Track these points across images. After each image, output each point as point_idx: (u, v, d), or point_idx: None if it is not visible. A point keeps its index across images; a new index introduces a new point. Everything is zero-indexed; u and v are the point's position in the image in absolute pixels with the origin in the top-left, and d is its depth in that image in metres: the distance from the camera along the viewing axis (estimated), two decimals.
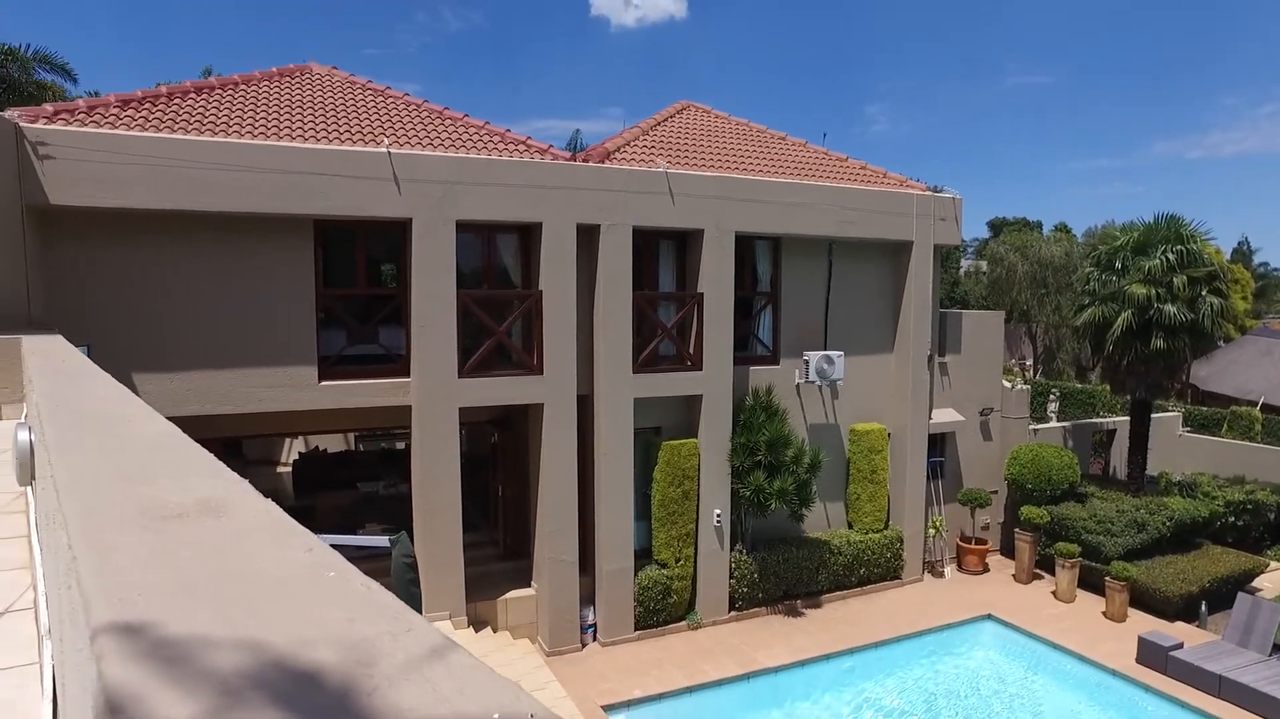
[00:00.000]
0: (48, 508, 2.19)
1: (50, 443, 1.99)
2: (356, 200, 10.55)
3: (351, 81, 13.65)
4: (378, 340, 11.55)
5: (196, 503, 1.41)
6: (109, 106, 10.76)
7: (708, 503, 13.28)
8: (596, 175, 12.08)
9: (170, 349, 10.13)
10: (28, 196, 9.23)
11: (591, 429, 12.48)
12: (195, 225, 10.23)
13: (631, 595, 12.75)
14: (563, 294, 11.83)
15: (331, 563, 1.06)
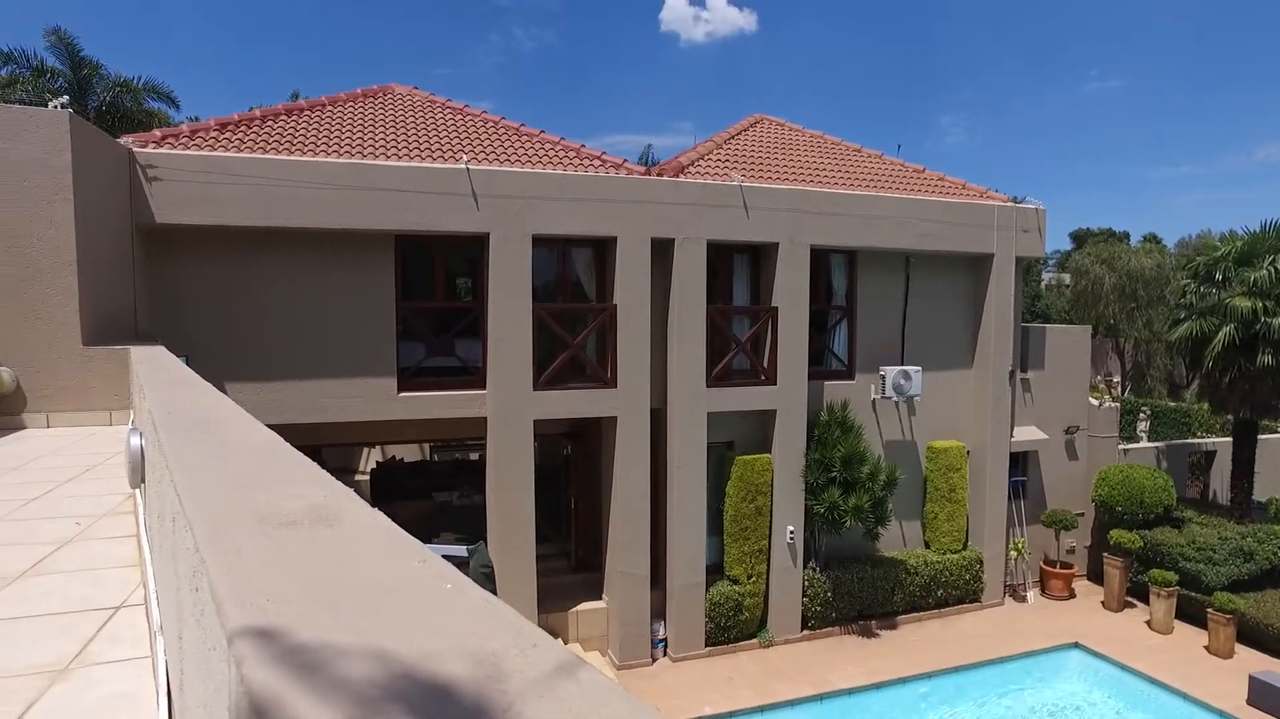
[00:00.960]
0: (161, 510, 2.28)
1: (166, 449, 2.07)
2: (436, 215, 10.83)
3: (431, 100, 14.05)
4: (455, 353, 11.80)
5: (308, 510, 1.44)
6: (209, 130, 11.34)
7: (781, 519, 13.09)
8: (671, 189, 12.12)
9: (260, 360, 10.54)
10: (137, 216, 9.78)
11: (664, 443, 12.46)
12: (284, 241, 10.65)
13: (703, 611, 12.64)
14: (637, 308, 11.88)
15: (447, 574, 1.07)
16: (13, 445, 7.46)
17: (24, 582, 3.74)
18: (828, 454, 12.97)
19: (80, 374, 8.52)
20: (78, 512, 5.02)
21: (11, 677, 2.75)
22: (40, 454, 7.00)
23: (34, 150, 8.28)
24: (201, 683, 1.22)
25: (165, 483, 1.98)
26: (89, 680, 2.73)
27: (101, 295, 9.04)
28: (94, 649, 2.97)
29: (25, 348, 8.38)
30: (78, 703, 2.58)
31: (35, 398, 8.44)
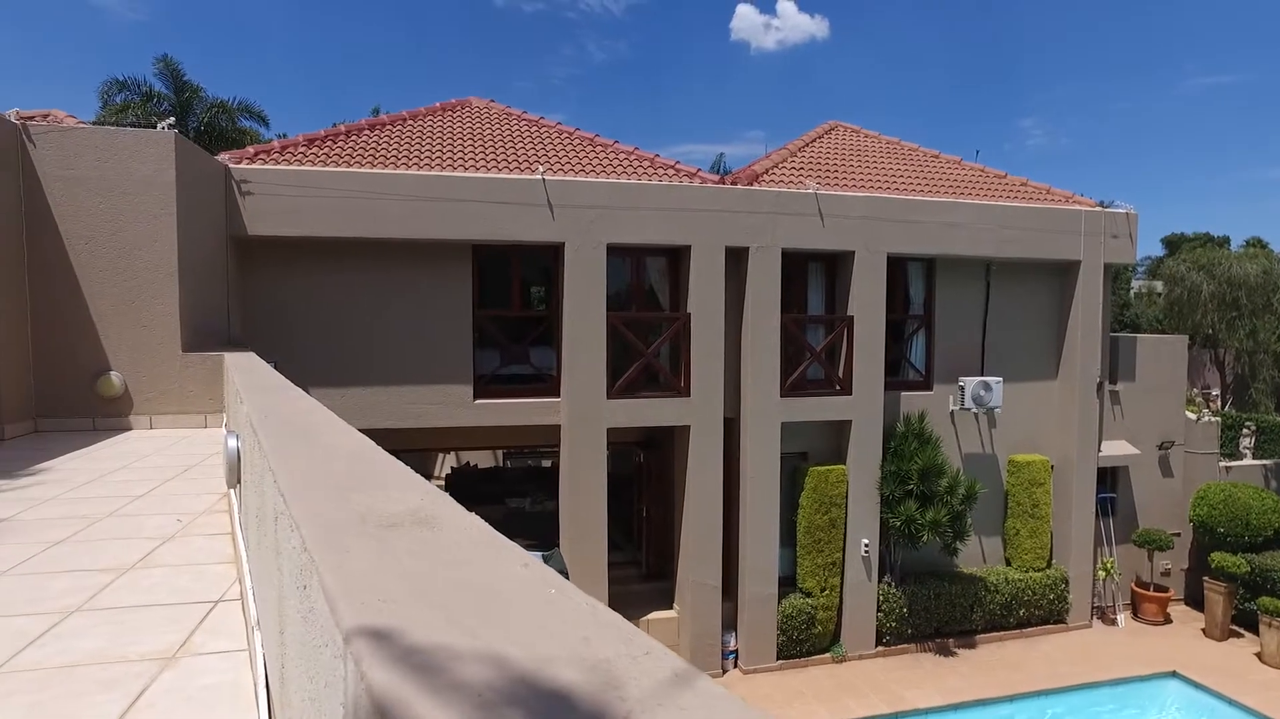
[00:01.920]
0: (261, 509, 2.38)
1: (267, 451, 2.16)
2: (513, 225, 11.03)
3: (508, 113, 14.34)
4: (529, 360, 11.98)
5: (408, 513, 1.48)
6: (298, 146, 11.83)
7: (855, 532, 12.84)
8: (745, 198, 12.07)
9: (342, 366, 10.90)
10: (231, 228, 10.26)
11: (737, 452, 12.38)
12: (367, 251, 11.01)
13: (774, 623, 12.48)
14: (711, 316, 11.86)
15: (549, 579, 1.09)
16: (121, 445, 7.91)
17: (135, 573, 3.96)
18: (904, 466, 12.67)
19: (179, 379, 8.98)
20: (179, 509, 5.29)
21: (131, 661, 2.92)
22: (144, 454, 7.41)
23: (145, 169, 8.79)
24: (308, 679, 1.26)
25: (268, 484, 2.06)
26: (193, 669, 2.87)
27: (198, 304, 9.52)
28: (197, 640, 3.13)
29: (132, 354, 8.88)
30: (185, 689, 2.72)
31: (140, 400, 8.93)
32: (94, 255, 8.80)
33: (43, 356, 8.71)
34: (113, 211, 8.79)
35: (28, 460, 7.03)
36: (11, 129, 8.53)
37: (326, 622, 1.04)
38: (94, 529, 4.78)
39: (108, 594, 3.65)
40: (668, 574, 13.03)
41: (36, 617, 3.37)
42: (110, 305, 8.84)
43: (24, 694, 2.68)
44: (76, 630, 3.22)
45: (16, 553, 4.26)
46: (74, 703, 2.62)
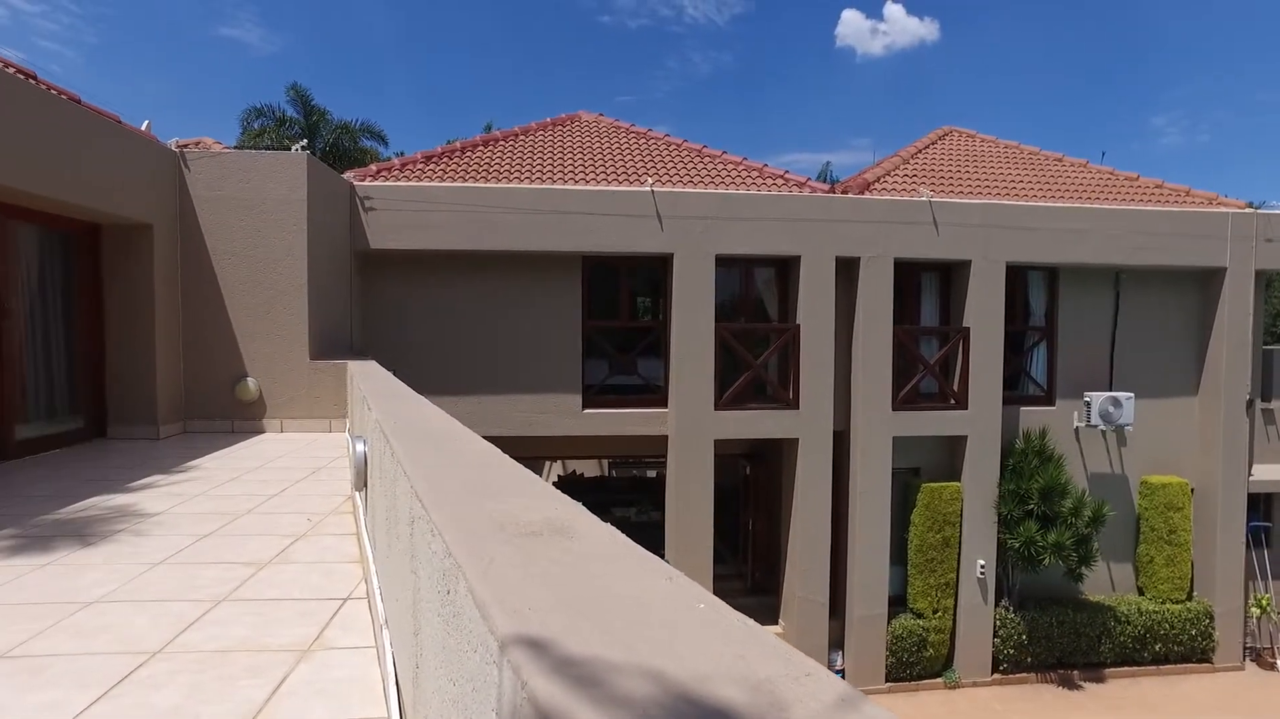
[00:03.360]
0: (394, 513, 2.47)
1: (401, 457, 2.24)
2: (622, 237, 11.17)
3: (616, 126, 14.56)
4: (637, 371, 12.07)
5: (544, 521, 1.51)
6: (416, 163, 12.38)
7: (970, 552, 12.29)
8: (856, 207, 11.82)
9: (457, 374, 11.28)
10: (355, 242, 10.81)
11: (846, 466, 12.09)
12: (481, 263, 11.37)
13: (884, 644, 12.09)
14: (820, 328, 11.65)
15: (697, 593, 1.08)
16: (256, 446, 8.44)
17: (273, 568, 4.20)
18: (1024, 485, 12.05)
19: (308, 385, 9.51)
20: (308, 509, 5.58)
21: (273, 651, 3.10)
22: (276, 456, 7.87)
23: (280, 189, 9.39)
24: (450, 682, 1.29)
25: (401, 489, 2.14)
26: (327, 663, 3.01)
27: (325, 315, 10.06)
28: (329, 635, 3.28)
29: (266, 361, 9.47)
30: (320, 681, 2.86)
31: (273, 405, 9.50)
32: (235, 269, 9.45)
33: (191, 363, 9.41)
34: (252, 229, 9.42)
35: (178, 458, 7.60)
36: (172, 156, 9.28)
37: (477, 627, 1.06)
38: (235, 524, 5.10)
39: (249, 586, 3.89)
40: (773, 589, 12.82)
41: (191, 603, 3.62)
42: (248, 316, 9.46)
43: (185, 674, 2.89)
44: (224, 618, 3.45)
45: (173, 543, 4.60)
46: (227, 686, 2.80)
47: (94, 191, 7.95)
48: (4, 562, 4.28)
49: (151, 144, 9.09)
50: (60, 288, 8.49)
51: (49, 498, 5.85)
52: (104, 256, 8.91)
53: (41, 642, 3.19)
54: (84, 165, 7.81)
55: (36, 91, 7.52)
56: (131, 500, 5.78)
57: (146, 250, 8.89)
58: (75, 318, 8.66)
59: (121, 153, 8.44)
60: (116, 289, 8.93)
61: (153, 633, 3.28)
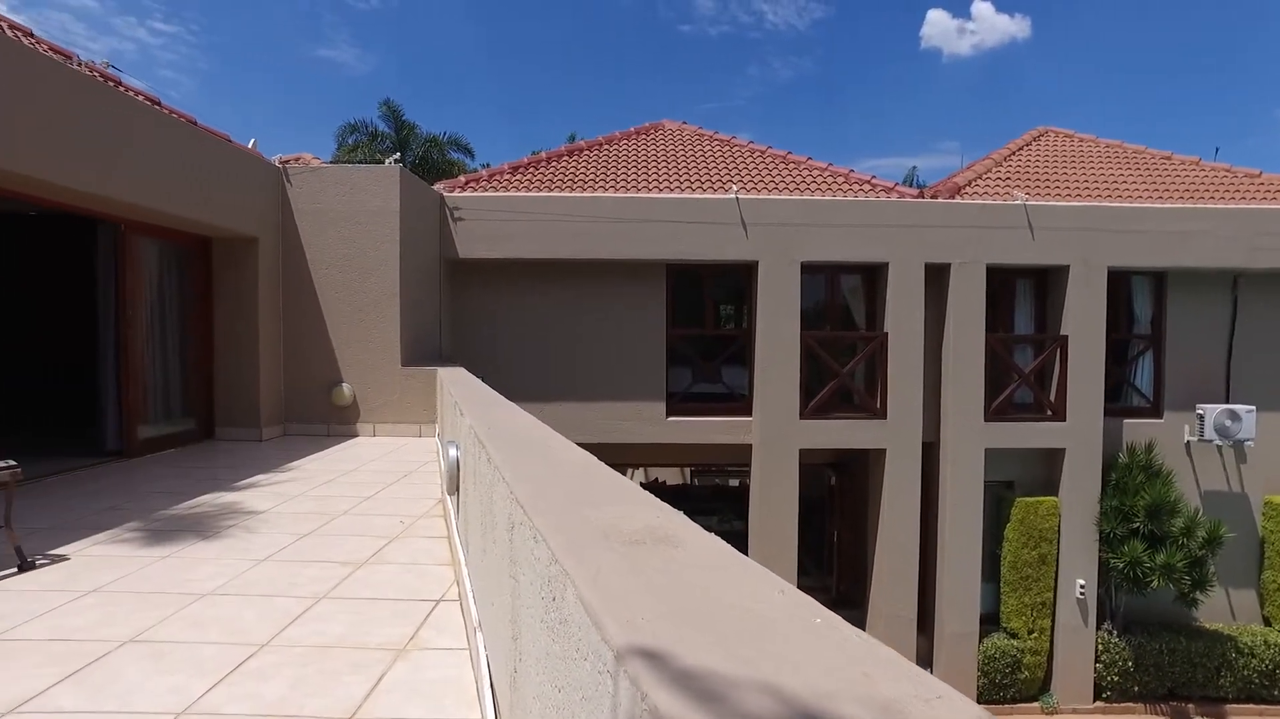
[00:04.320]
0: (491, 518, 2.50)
1: (499, 463, 2.28)
2: (706, 245, 11.14)
3: (699, 134, 14.55)
4: (721, 379, 11.99)
5: (646, 530, 1.50)
6: (503, 173, 12.64)
7: (1068, 570, 11.71)
8: (946, 211, 11.47)
9: (542, 381, 11.43)
10: (444, 252, 11.11)
11: (936, 479, 11.71)
12: (566, 271, 11.51)
13: (975, 664, 11.62)
14: (909, 336, 11.35)
15: (812, 607, 1.06)
16: (351, 450, 8.76)
17: (369, 568, 4.34)
18: (1128, 502, 11.41)
19: (399, 391, 9.82)
20: (400, 511, 5.75)
21: (370, 649, 3.20)
22: (370, 459, 8.15)
23: (375, 201, 9.74)
24: (554, 689, 1.29)
25: (499, 494, 2.16)
26: (421, 663, 3.09)
27: (416, 323, 10.37)
28: (423, 635, 3.37)
29: (360, 367, 9.83)
30: (415, 680, 2.93)
31: (366, 410, 9.85)
32: (331, 279, 9.84)
33: (291, 369, 9.85)
34: (348, 239, 9.81)
35: (279, 460, 7.95)
36: (276, 171, 9.76)
37: (588, 636, 1.06)
38: (333, 525, 5.30)
39: (347, 585, 4.02)
40: (858, 602, 12.51)
41: (294, 599, 3.78)
42: (343, 324, 9.84)
43: (290, 667, 3.01)
44: (325, 615, 3.58)
45: (276, 541, 4.81)
46: (329, 680, 2.91)
47: (208, 207, 8.42)
48: (132, 552, 4.56)
49: (258, 161, 9.57)
50: (175, 298, 9.02)
51: (167, 494, 6.21)
52: (214, 268, 9.42)
53: (164, 629, 3.38)
54: (200, 183, 8.29)
55: (161, 116, 8.03)
56: (238, 499, 6.08)
57: (252, 262, 9.36)
58: (188, 326, 9.18)
59: (232, 170, 8.91)
60: (224, 299, 9.43)
61: (260, 626, 3.43)
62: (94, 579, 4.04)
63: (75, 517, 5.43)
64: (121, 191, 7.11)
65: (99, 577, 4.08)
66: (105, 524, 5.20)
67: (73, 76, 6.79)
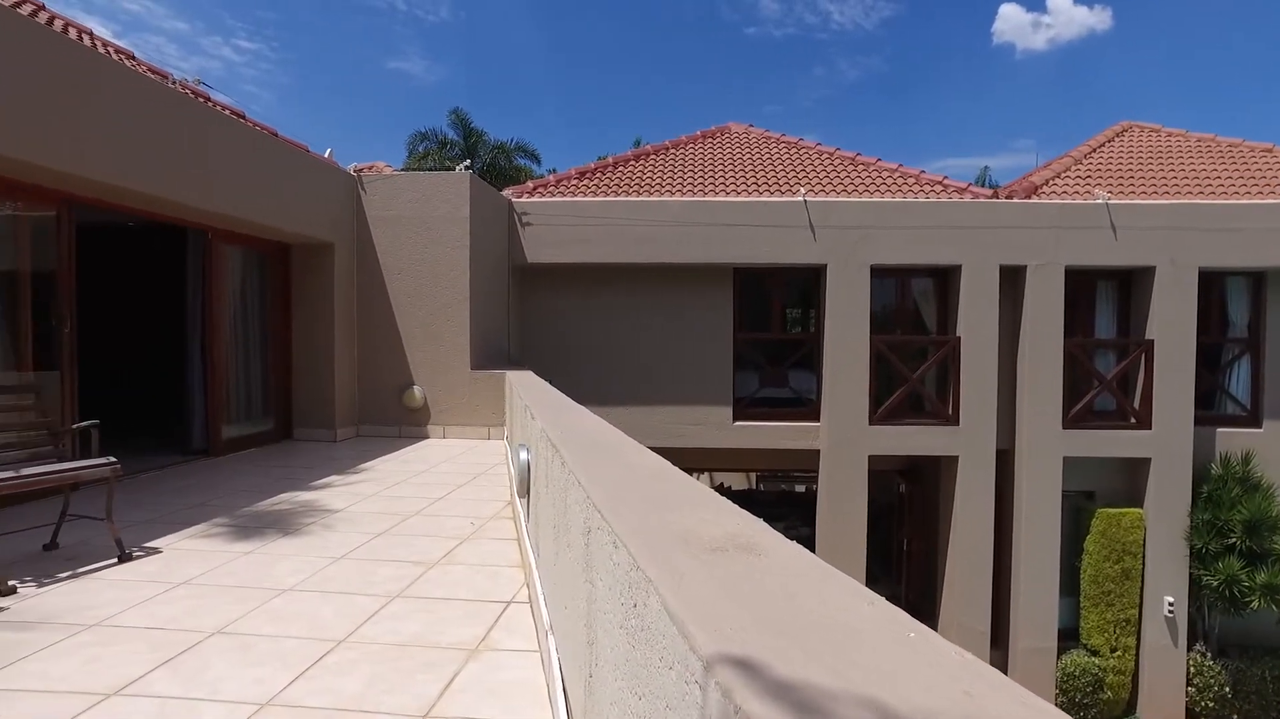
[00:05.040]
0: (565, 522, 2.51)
1: (573, 467, 2.28)
2: (774, 248, 11.03)
3: (766, 137, 14.43)
4: (788, 384, 11.85)
5: (726, 537, 1.47)
6: (570, 179, 12.76)
7: (1156, 587, 11.18)
8: (1022, 212, 11.11)
9: (609, 385, 11.47)
10: (513, 257, 11.26)
11: (1010, 487, 11.33)
12: (632, 275, 11.54)
13: (1052, 681, 11.19)
14: (982, 340, 11.02)
15: (904, 620, 1.02)
16: (421, 451, 8.94)
17: (441, 568, 4.41)
18: (1223, 516, 10.83)
19: (468, 394, 9.98)
20: (470, 513, 5.84)
21: (443, 648, 3.25)
22: (440, 461, 8.30)
23: (445, 207, 9.94)
24: (634, 697, 1.28)
25: (573, 498, 2.17)
26: (493, 663, 3.12)
27: (485, 327, 10.54)
28: (495, 636, 3.40)
29: (430, 371, 10.03)
30: (487, 681, 2.96)
31: (436, 412, 10.04)
32: (404, 283, 10.08)
33: (364, 372, 10.11)
34: (420, 245, 10.03)
35: (354, 460, 8.17)
36: (351, 180, 10.06)
37: (674, 644, 1.04)
38: (405, 525, 5.41)
39: (420, 584, 4.10)
40: (928, 612, 12.18)
41: (370, 597, 3.86)
42: (414, 328, 10.06)
43: (367, 664, 3.08)
44: (399, 614, 3.65)
45: (351, 540, 4.94)
46: (404, 678, 2.96)
47: (288, 214, 8.72)
48: (218, 546, 4.75)
49: (334, 170, 9.87)
50: (257, 303, 9.37)
51: (249, 492, 6.44)
52: (293, 274, 9.75)
53: (248, 622, 3.50)
54: (281, 191, 8.59)
55: (245, 129, 8.36)
56: (316, 497, 6.26)
57: (328, 268, 9.66)
58: (268, 330, 9.52)
59: (310, 179, 9.21)
60: (302, 304, 9.75)
61: (338, 622, 3.52)
62: (184, 572, 4.21)
63: (167, 512, 5.68)
64: (210, 201, 7.42)
65: (189, 569, 4.25)
66: (193, 519, 5.42)
67: (170, 95, 7.12)
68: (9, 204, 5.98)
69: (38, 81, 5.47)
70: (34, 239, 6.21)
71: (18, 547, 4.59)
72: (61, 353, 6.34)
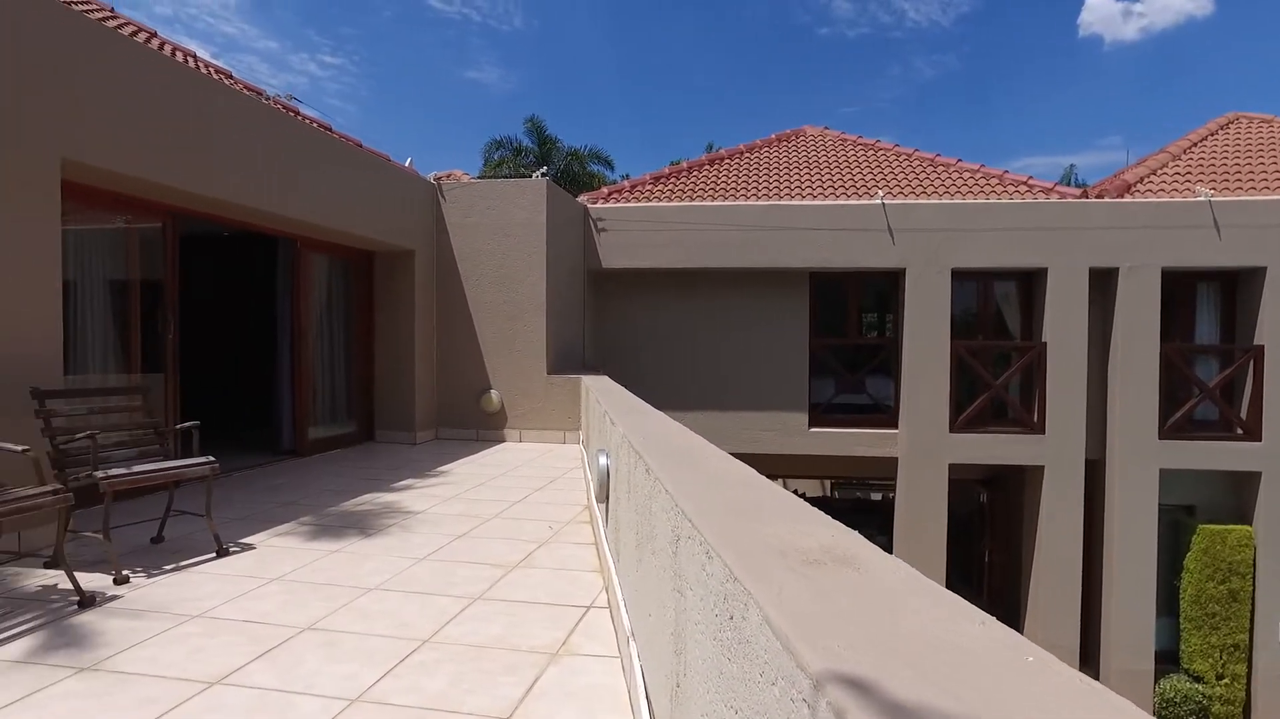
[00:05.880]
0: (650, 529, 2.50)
1: (659, 474, 2.27)
2: (851, 252, 10.84)
3: (842, 139, 14.21)
4: (865, 390, 11.62)
5: (822, 549, 1.44)
6: (645, 184, 12.81)
7: (1268, 610, 10.51)
8: (1114, 212, 10.64)
9: (683, 389, 11.46)
10: (588, 262, 11.36)
11: (1101, 500, 10.84)
12: (706, 280, 11.50)
13: (1151, 707, 10.62)
14: (1070, 346, 10.59)
15: (1021, 643, 0.98)
16: (498, 455, 9.08)
17: (520, 571, 4.46)
18: None
19: (544, 398, 10.10)
20: (548, 517, 5.89)
21: (523, 652, 3.28)
22: (517, 464, 8.41)
23: (522, 214, 10.09)
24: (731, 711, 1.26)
25: (661, 505, 2.15)
26: (573, 668, 3.13)
27: (561, 332, 10.65)
28: (574, 641, 3.41)
29: (507, 375, 10.19)
30: (568, 685, 2.97)
31: (513, 416, 10.19)
32: (482, 289, 10.27)
33: (443, 376, 10.35)
34: (497, 251, 10.21)
35: (432, 463, 8.36)
36: (431, 188, 10.32)
37: (777, 660, 1.02)
38: (484, 528, 5.50)
39: (501, 587, 4.15)
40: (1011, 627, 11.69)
41: (451, 599, 3.93)
42: (492, 333, 10.24)
43: (450, 664, 3.13)
44: (480, 615, 3.70)
45: (432, 542, 5.04)
46: (485, 680, 3.00)
47: (374, 224, 9.00)
48: (306, 544, 4.92)
49: (416, 179, 10.14)
50: (341, 309, 9.69)
51: (334, 492, 6.66)
52: (375, 280, 10.05)
53: (336, 619, 3.61)
54: (365, 200, 8.87)
55: (332, 141, 8.68)
56: (397, 499, 6.42)
57: (409, 274, 9.92)
58: (352, 335, 9.84)
59: (393, 188, 9.49)
60: (384, 309, 10.03)
61: (421, 622, 3.59)
62: (276, 568, 4.37)
63: (258, 509, 5.91)
64: (301, 211, 7.71)
65: (280, 566, 4.41)
66: (283, 518, 5.63)
67: (265, 111, 7.44)
68: (121, 217, 6.33)
69: (151, 103, 5.78)
70: (142, 249, 6.56)
71: (129, 539, 4.85)
72: (165, 356, 6.68)
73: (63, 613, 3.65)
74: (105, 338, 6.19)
